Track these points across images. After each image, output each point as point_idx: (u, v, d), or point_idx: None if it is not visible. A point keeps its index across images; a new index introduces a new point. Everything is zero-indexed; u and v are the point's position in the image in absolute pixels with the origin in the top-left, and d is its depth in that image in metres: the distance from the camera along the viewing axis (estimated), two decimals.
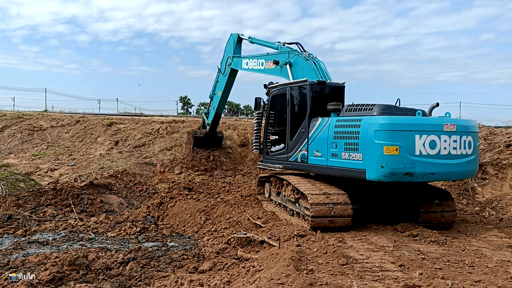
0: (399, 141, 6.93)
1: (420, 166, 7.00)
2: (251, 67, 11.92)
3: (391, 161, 6.89)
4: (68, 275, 5.53)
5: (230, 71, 13.22)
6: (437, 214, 7.93)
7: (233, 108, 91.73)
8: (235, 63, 12.90)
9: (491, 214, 9.60)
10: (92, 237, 7.93)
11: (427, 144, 7.07)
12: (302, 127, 8.75)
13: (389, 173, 6.90)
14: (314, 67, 9.50)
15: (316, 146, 8.31)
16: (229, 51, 13.33)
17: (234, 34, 13.28)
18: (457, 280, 4.68)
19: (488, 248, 6.56)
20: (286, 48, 10.55)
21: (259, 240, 6.78)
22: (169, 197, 10.87)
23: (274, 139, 9.89)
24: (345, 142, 7.55)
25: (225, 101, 14.50)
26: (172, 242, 7.73)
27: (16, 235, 7.96)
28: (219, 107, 14.25)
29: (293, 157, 9.01)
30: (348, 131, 7.54)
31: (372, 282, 4.61)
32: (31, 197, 10.46)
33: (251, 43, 12.70)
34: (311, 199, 7.51)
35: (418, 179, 7.18)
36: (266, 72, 11.18)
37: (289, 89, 9.27)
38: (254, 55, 11.97)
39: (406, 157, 6.93)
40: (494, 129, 13.58)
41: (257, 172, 14.21)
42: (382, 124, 7.00)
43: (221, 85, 13.80)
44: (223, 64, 13.63)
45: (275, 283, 4.25)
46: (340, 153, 7.66)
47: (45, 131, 22.30)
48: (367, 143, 7.11)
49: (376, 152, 6.96)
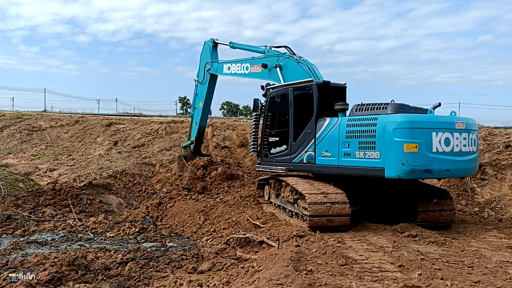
0: (418, 138, 7.02)
1: (437, 163, 7.14)
2: (234, 71, 11.60)
3: (411, 159, 6.96)
4: (67, 276, 5.52)
5: (210, 77, 12.62)
6: (436, 213, 7.93)
7: (232, 108, 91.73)
8: (215, 68, 12.43)
9: (490, 214, 9.61)
10: (91, 237, 7.92)
11: (443, 141, 7.21)
12: (308, 128, 8.65)
13: (410, 170, 6.98)
14: (307, 69, 9.47)
15: (325, 146, 8.23)
16: (205, 58, 12.83)
17: (209, 40, 12.82)
18: (457, 281, 4.67)
19: (487, 248, 6.56)
20: (275, 52, 10.43)
21: (258, 241, 6.78)
22: (168, 197, 10.87)
23: (274, 140, 9.73)
24: (359, 141, 7.56)
25: (208, 112, 13.70)
26: (171, 242, 7.72)
27: (15, 235, 7.95)
28: (202, 119, 13.26)
29: (298, 158, 8.90)
30: (362, 130, 7.54)
31: (371, 282, 4.61)
32: (30, 197, 10.45)
33: (232, 48, 12.21)
34: (309, 198, 7.51)
35: (435, 176, 7.36)
36: (251, 76, 10.99)
37: (291, 90, 9.16)
38: (237, 59, 11.66)
39: (425, 154, 7.03)
40: (493, 129, 13.61)
41: (256, 173, 14.20)
42: (401, 122, 7.06)
43: (202, 95, 13.06)
44: (200, 73, 13.02)
45: (274, 283, 4.25)
46: (353, 152, 7.65)
47: (44, 131, 22.30)
48: (385, 141, 7.13)
49: (396, 149, 7.01)
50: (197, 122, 13.32)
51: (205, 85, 12.82)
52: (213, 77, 12.76)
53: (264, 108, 10.03)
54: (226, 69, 12.01)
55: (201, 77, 12.95)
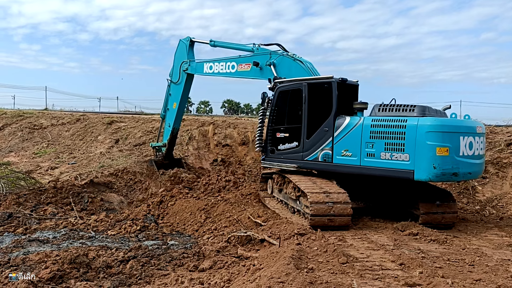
0: (449, 142, 7.18)
1: (463, 166, 7.32)
2: (217, 70, 11.17)
3: (443, 162, 7.09)
4: (69, 273, 5.54)
5: (186, 77, 12.14)
6: (438, 216, 7.88)
7: (233, 106, 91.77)
8: (194, 67, 11.94)
9: (492, 213, 9.60)
10: (93, 236, 7.94)
11: (467, 145, 7.40)
12: (325, 126, 8.47)
13: (441, 174, 7.12)
14: (304, 66, 9.35)
15: (344, 145, 8.15)
16: (181, 57, 12.29)
17: (185, 38, 12.31)
18: (457, 279, 4.68)
19: (488, 247, 6.56)
20: (266, 50, 10.23)
21: (259, 239, 6.79)
22: (169, 195, 10.88)
23: (283, 136, 9.43)
24: (386, 142, 7.57)
25: (183, 113, 13.04)
26: (172, 240, 7.73)
27: (16, 233, 7.96)
28: (176, 121, 12.60)
29: (312, 156, 8.73)
30: (389, 131, 7.55)
31: (372, 280, 4.61)
32: (31, 195, 10.47)
33: (213, 47, 11.68)
34: (311, 197, 7.51)
35: (460, 178, 7.59)
36: (238, 74, 10.70)
37: (306, 85, 8.86)
38: (219, 58, 11.27)
39: (453, 158, 7.19)
40: (494, 128, 13.58)
41: (257, 171, 14.20)
42: (434, 126, 7.16)
43: (176, 96, 12.46)
44: (175, 72, 12.45)
45: (275, 281, 4.26)
46: (378, 153, 7.66)
47: (46, 130, 22.31)
48: (417, 143, 7.18)
49: (429, 153, 7.08)
50: (170, 124, 12.64)
51: (180, 85, 12.29)
52: (190, 77, 12.30)
53: (271, 102, 9.63)
54: (207, 68, 11.56)
55: (176, 77, 12.36)
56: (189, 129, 17.99)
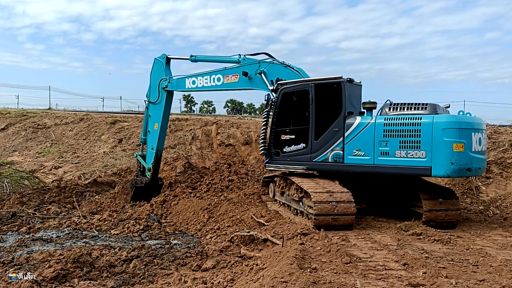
0: (464, 138, 7.36)
1: (475, 162, 7.57)
2: (201, 84, 10.82)
3: (459, 158, 7.30)
4: (72, 273, 5.56)
5: (166, 94, 11.62)
6: (441, 213, 7.88)
7: (236, 106, 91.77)
8: (174, 84, 11.47)
9: (495, 213, 9.57)
10: (96, 235, 7.96)
11: (477, 141, 7.64)
12: (335, 126, 8.43)
13: (458, 169, 7.31)
14: (296, 72, 9.32)
15: (356, 145, 8.13)
16: (158, 75, 11.74)
17: (160, 57, 11.84)
18: (461, 279, 4.66)
19: (492, 247, 6.53)
20: (253, 59, 10.07)
21: (263, 238, 6.78)
22: (173, 195, 10.89)
23: (289, 138, 9.25)
24: (401, 140, 7.63)
25: (165, 132, 12.22)
26: (175, 240, 7.74)
27: (20, 232, 8.00)
28: (159, 143, 11.78)
29: (321, 157, 8.62)
30: (404, 130, 7.62)
31: (375, 280, 4.60)
32: (35, 195, 10.52)
33: (194, 62, 11.26)
34: (314, 197, 7.50)
35: (472, 174, 7.85)
36: (225, 86, 10.44)
37: (313, 86, 8.76)
38: (202, 72, 10.89)
39: (468, 154, 7.42)
40: (498, 128, 13.53)
41: (260, 171, 14.17)
42: (450, 122, 7.35)
43: (157, 117, 11.74)
44: (153, 92, 11.86)
45: (278, 281, 4.25)
46: (393, 151, 7.71)
47: (49, 129, 22.37)
48: (434, 140, 7.30)
49: (446, 149, 7.25)
50: (153, 146, 11.81)
51: (160, 104, 11.68)
52: (170, 95, 11.78)
53: (274, 104, 9.43)
54: (189, 83, 11.13)
55: (155, 96, 11.75)
56: (192, 129, 17.99)
